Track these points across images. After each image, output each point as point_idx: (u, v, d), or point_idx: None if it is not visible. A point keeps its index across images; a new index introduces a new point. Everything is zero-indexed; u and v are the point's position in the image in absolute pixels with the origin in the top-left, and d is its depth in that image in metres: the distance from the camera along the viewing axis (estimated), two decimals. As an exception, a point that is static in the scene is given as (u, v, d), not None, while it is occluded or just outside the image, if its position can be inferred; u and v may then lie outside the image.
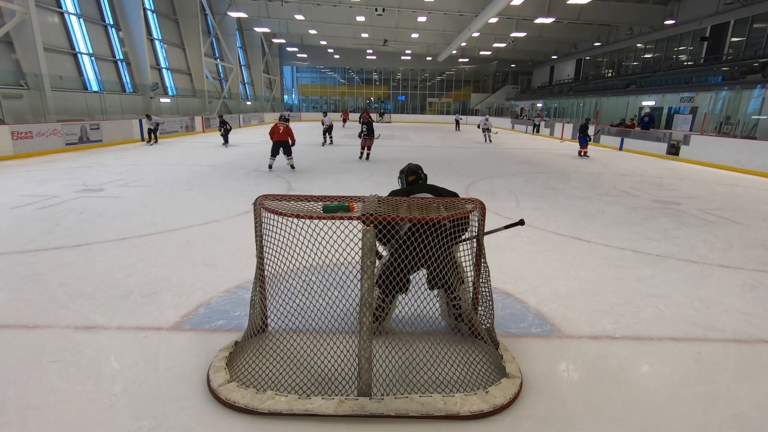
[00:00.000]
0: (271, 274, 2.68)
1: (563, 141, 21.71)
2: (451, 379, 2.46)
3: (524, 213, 6.46)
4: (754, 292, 3.84)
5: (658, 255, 4.69)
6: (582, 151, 14.53)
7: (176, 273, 3.97)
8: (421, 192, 3.04)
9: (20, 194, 6.96)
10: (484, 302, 2.81)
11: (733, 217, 6.52)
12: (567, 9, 21.77)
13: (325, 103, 45.12)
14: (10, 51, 13.49)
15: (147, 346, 2.78)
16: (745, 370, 2.69)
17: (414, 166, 3.28)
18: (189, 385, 2.39)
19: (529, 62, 41.15)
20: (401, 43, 34.46)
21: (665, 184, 9.39)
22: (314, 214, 2.30)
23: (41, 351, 2.70)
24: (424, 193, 3.03)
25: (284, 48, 39.57)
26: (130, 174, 9.24)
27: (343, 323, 2.85)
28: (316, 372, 2.52)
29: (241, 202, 6.68)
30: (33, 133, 11.82)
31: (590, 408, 2.30)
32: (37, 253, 4.37)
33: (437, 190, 3.06)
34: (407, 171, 3.25)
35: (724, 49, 20.08)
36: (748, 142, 12.10)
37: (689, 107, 19.93)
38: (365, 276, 2.20)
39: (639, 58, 26.83)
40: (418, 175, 3.24)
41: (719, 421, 2.22)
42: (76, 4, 16.85)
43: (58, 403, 2.24)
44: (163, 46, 22.79)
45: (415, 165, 3.30)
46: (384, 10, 24.09)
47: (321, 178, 9.15)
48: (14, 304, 3.29)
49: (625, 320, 3.25)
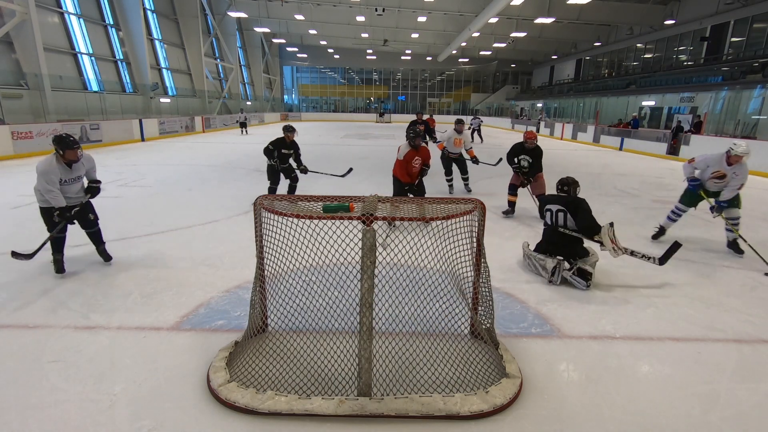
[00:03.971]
0: (271, 274, 2.68)
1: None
2: (451, 379, 2.46)
3: (524, 213, 6.46)
4: (754, 292, 3.85)
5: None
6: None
7: (176, 273, 3.97)
8: (556, 203, 3.97)
9: (20, 194, 6.96)
10: (484, 302, 2.81)
11: (733, 217, 6.50)
12: (567, 9, 21.76)
13: (326, 103, 45.17)
14: (10, 51, 13.49)
15: (147, 346, 2.78)
16: (745, 370, 2.69)
17: (566, 179, 4.09)
18: (189, 385, 2.39)
19: (529, 62, 41.13)
20: (401, 43, 34.46)
21: (665, 184, 9.39)
22: (314, 214, 2.30)
23: (41, 351, 2.70)
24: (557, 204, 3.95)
25: (284, 48, 39.56)
26: (130, 174, 9.24)
27: (343, 323, 2.85)
28: (316, 372, 2.52)
29: (241, 202, 6.68)
30: (33, 133, 11.81)
31: (590, 408, 2.30)
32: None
33: (574, 204, 3.88)
34: (563, 181, 4.10)
35: (724, 49, 20.07)
36: (748, 142, 12.08)
37: (689, 107, 19.94)
38: (365, 276, 2.20)
39: (639, 58, 26.82)
40: (566, 186, 4.04)
41: (719, 421, 2.22)
42: (76, 4, 16.85)
43: (58, 403, 2.25)
44: (163, 46, 22.78)
45: (569, 179, 4.08)
46: (384, 10, 24.08)
47: (321, 178, 9.14)
48: (14, 304, 3.29)
49: (625, 320, 3.25)
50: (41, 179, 3.59)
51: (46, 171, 3.59)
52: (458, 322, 2.90)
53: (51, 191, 3.62)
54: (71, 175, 3.77)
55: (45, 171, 3.59)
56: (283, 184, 6.50)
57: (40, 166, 3.60)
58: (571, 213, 3.89)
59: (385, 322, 2.71)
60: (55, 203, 3.65)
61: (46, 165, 3.62)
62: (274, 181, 6.37)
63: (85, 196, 3.98)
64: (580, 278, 3.77)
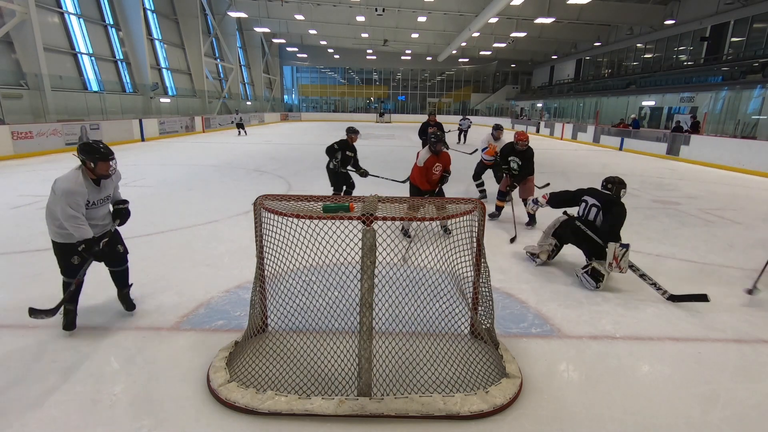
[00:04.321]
0: (271, 274, 2.68)
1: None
2: (451, 379, 2.46)
3: (524, 213, 6.46)
4: (754, 292, 3.84)
5: (658, 255, 4.69)
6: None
7: (176, 273, 3.97)
8: (594, 196, 3.96)
9: (20, 194, 6.96)
10: (484, 302, 2.81)
11: (733, 217, 6.52)
12: (567, 9, 21.76)
13: (326, 103, 45.17)
14: (10, 51, 13.49)
15: (147, 346, 2.78)
16: (745, 370, 2.69)
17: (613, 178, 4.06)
18: (189, 385, 2.39)
19: (529, 62, 41.13)
20: (401, 43, 34.46)
21: (665, 184, 9.39)
22: (314, 214, 2.30)
23: (41, 351, 2.70)
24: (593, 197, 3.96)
25: (284, 48, 39.56)
26: (130, 174, 9.23)
27: (343, 323, 2.85)
28: (316, 372, 2.52)
29: (241, 202, 6.68)
30: (33, 133, 11.81)
31: (590, 408, 2.30)
32: (37, 253, 4.37)
33: (610, 204, 3.85)
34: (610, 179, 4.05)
35: (724, 49, 20.07)
36: (748, 142, 12.10)
37: (689, 107, 19.94)
38: (365, 276, 2.20)
39: (639, 58, 26.82)
40: (611, 185, 4.00)
41: (719, 421, 2.22)
42: (76, 4, 16.85)
43: (58, 403, 2.25)
44: (163, 46, 22.78)
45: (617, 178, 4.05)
46: (384, 10, 24.08)
47: (321, 178, 9.15)
48: (14, 304, 3.29)
49: (625, 320, 3.25)
50: (63, 202, 2.64)
51: (71, 191, 2.65)
52: (458, 322, 2.90)
53: (75, 218, 2.67)
54: (100, 195, 2.87)
55: (70, 191, 2.65)
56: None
57: (62, 184, 2.68)
58: (604, 211, 3.82)
59: (385, 322, 2.71)
60: (80, 234, 2.70)
61: (71, 183, 2.68)
62: (338, 187, 5.94)
63: (113, 222, 3.04)
64: (592, 278, 3.73)
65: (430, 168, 5.00)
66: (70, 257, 2.78)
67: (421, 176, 5.04)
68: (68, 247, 2.77)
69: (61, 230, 2.74)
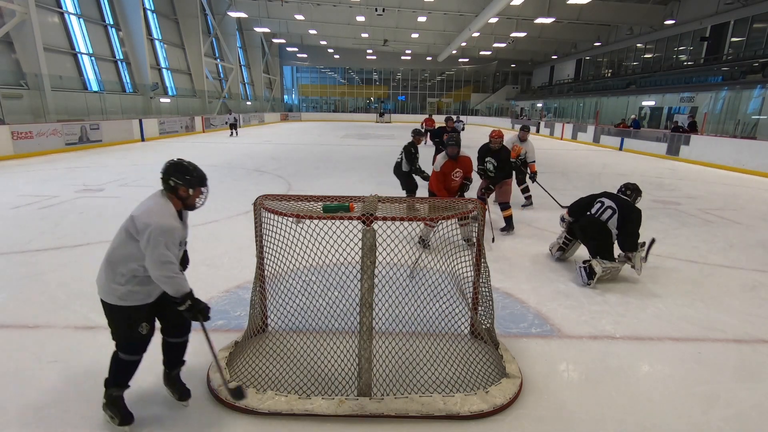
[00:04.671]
0: (271, 274, 2.68)
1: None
2: (451, 379, 2.46)
3: (524, 213, 6.46)
4: (754, 292, 3.85)
5: (658, 255, 4.68)
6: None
7: (176, 273, 3.96)
8: (611, 199, 4.03)
9: (20, 194, 6.96)
10: (484, 302, 2.81)
11: (733, 217, 6.52)
12: (567, 9, 21.76)
13: (326, 103, 45.18)
14: (10, 51, 13.49)
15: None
16: (745, 370, 2.69)
17: (631, 184, 4.18)
18: (189, 385, 2.38)
19: (529, 62, 41.13)
20: (401, 43, 34.47)
21: (665, 184, 9.39)
22: (314, 214, 2.30)
23: (41, 351, 2.70)
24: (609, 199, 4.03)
25: (284, 48, 39.56)
26: (130, 174, 9.24)
27: (343, 323, 2.85)
28: (316, 372, 2.52)
29: (241, 202, 6.67)
30: (33, 133, 11.81)
31: (590, 408, 2.30)
32: (37, 253, 4.37)
33: (628, 210, 3.94)
34: (628, 185, 4.17)
35: (724, 49, 20.07)
36: (748, 142, 12.10)
37: (689, 107, 19.94)
38: (365, 276, 2.20)
39: (639, 58, 26.82)
40: (629, 191, 4.11)
41: (719, 421, 2.22)
42: (76, 4, 16.85)
43: (58, 403, 2.25)
44: (163, 46, 22.78)
45: (635, 185, 4.18)
46: (384, 10, 24.08)
47: (321, 178, 9.15)
48: (14, 304, 3.29)
49: (625, 320, 3.25)
50: (160, 243, 1.89)
51: (171, 228, 1.94)
52: (458, 322, 2.90)
53: (172, 265, 1.92)
54: (186, 232, 2.15)
55: (170, 228, 1.93)
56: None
57: (158, 219, 1.92)
58: (620, 216, 3.89)
59: (385, 322, 2.71)
60: (177, 289, 1.94)
61: (169, 217, 1.97)
62: (411, 189, 5.71)
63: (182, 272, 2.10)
64: (586, 274, 3.81)
65: (448, 174, 4.56)
66: (138, 325, 2.01)
67: (439, 183, 4.59)
68: (136, 311, 2.00)
69: (127, 287, 1.97)
